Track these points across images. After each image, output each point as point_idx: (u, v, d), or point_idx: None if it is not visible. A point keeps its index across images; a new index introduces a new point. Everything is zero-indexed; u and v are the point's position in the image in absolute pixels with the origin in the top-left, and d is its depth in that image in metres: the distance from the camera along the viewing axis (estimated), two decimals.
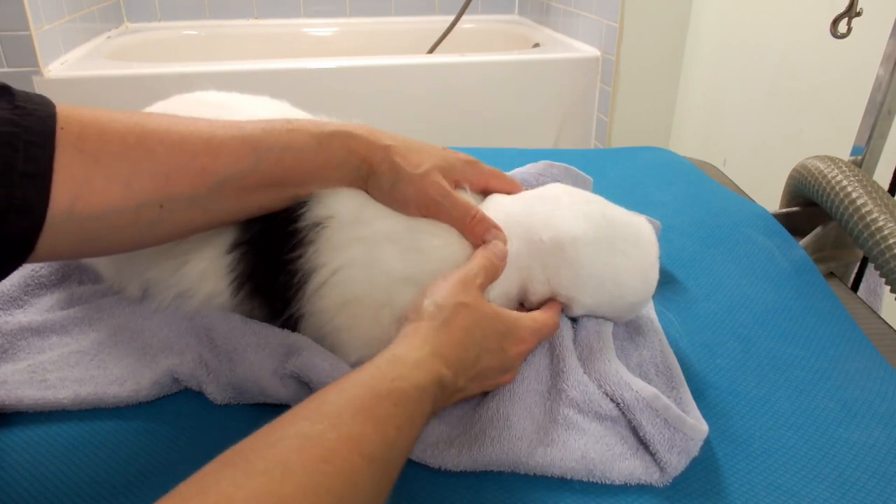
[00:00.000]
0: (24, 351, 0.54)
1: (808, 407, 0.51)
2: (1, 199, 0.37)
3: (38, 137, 0.39)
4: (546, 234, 0.51)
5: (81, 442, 0.46)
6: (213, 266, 0.54)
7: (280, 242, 0.52)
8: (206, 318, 0.54)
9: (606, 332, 0.54)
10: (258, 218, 0.52)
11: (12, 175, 0.38)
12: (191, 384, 0.51)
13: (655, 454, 0.44)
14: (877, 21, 0.89)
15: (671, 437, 0.44)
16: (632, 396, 0.47)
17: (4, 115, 0.38)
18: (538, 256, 0.51)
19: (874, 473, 0.45)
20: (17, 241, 0.39)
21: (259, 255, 0.53)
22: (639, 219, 0.56)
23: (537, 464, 0.44)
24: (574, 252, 0.51)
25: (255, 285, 0.53)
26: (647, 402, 0.46)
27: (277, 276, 0.52)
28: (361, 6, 2.39)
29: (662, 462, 0.44)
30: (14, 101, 0.40)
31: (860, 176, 0.78)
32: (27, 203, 0.38)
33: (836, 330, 0.61)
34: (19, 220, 0.38)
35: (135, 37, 2.13)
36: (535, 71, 1.86)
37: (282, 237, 0.52)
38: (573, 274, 0.51)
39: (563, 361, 0.51)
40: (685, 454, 0.44)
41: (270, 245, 0.52)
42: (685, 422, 0.45)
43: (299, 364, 0.48)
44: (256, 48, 2.28)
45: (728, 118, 1.67)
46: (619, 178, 0.93)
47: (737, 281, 0.68)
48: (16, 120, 0.39)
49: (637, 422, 0.46)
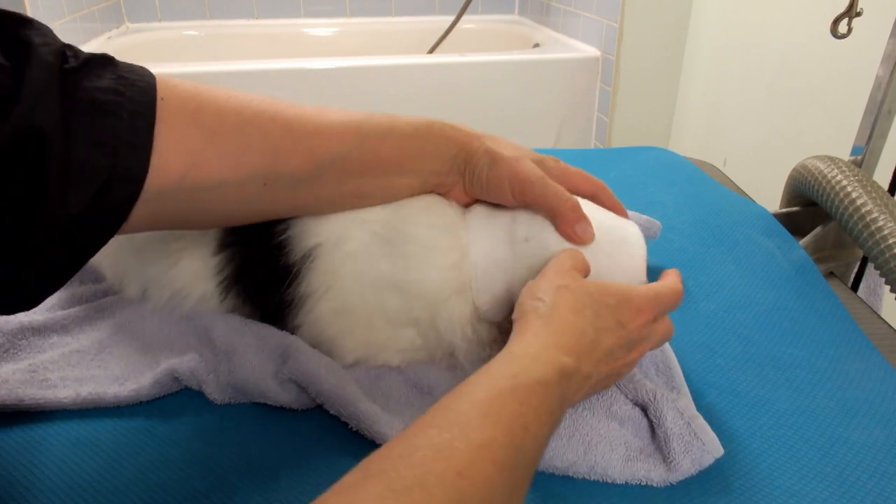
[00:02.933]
0: (24, 350, 0.54)
1: (808, 407, 0.51)
2: (106, 168, 0.38)
3: (142, 108, 0.40)
4: (529, 235, 0.51)
5: (82, 441, 0.46)
6: (203, 266, 0.54)
7: (269, 271, 0.51)
8: (206, 318, 0.54)
9: None
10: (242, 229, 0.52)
11: (118, 145, 0.38)
12: (191, 384, 0.51)
13: (669, 453, 0.44)
14: (877, 21, 0.89)
15: (690, 442, 0.44)
16: (661, 396, 0.47)
17: (109, 85, 0.39)
18: (522, 258, 0.51)
19: (874, 473, 0.45)
20: (116, 210, 0.40)
21: (247, 268, 0.53)
22: (626, 222, 0.54)
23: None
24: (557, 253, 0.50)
25: (246, 295, 0.53)
26: (674, 402, 0.46)
27: (271, 299, 0.52)
28: (361, 6, 2.39)
29: (674, 463, 0.44)
30: (118, 72, 0.40)
31: (860, 176, 0.78)
32: (131, 173, 0.39)
33: (836, 330, 0.61)
34: (121, 189, 0.39)
35: (135, 37, 2.13)
36: (535, 71, 1.86)
37: (270, 264, 0.51)
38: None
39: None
40: (697, 464, 0.44)
41: (258, 261, 0.52)
42: (707, 432, 0.45)
43: (295, 369, 0.49)
44: (256, 48, 2.28)
45: (728, 118, 1.67)
46: (619, 178, 0.93)
47: (737, 281, 0.68)
48: (120, 90, 0.39)
49: (662, 416, 0.46)
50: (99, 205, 0.38)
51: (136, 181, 0.39)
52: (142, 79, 0.41)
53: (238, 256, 0.53)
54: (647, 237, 0.65)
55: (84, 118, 0.37)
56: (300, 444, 0.47)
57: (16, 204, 0.35)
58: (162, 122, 0.40)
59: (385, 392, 0.51)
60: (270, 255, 0.51)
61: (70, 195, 0.37)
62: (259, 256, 0.52)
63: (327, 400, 0.48)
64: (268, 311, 0.53)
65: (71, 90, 0.37)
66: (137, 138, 0.39)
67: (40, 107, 0.35)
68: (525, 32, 2.30)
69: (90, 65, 0.39)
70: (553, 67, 1.88)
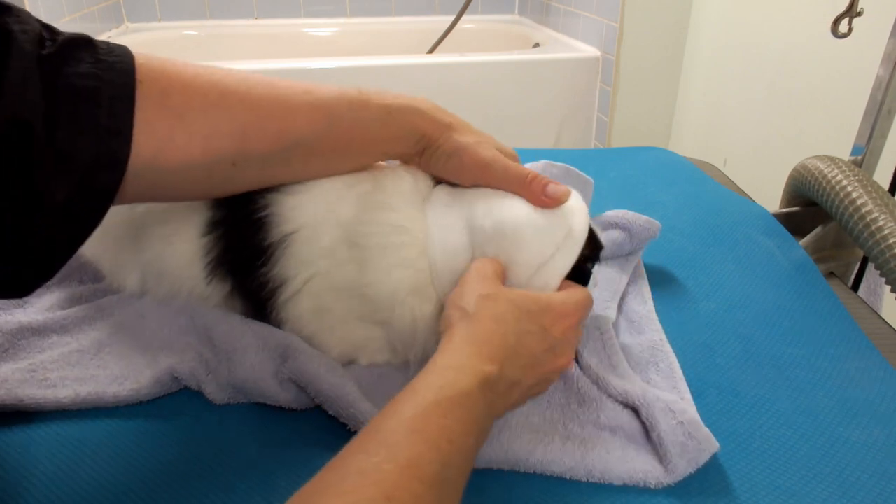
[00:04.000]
0: (24, 350, 0.54)
1: (807, 407, 0.51)
2: (89, 155, 0.38)
3: (121, 91, 0.40)
4: (487, 221, 0.50)
5: (82, 441, 0.46)
6: (192, 248, 0.54)
7: (247, 251, 0.52)
8: (206, 318, 0.54)
9: (609, 331, 0.54)
10: (225, 202, 0.52)
11: (98, 130, 0.38)
12: (190, 383, 0.51)
13: (665, 455, 0.44)
14: (877, 21, 0.89)
15: (684, 443, 0.44)
16: (653, 395, 0.47)
17: (88, 70, 0.39)
18: (483, 244, 0.50)
19: (874, 473, 0.45)
20: (102, 194, 0.40)
21: (231, 246, 0.53)
22: (574, 202, 0.52)
23: (537, 461, 0.44)
24: (514, 239, 0.49)
25: (231, 277, 0.54)
26: (667, 403, 0.46)
27: (252, 281, 0.52)
28: (361, 6, 2.39)
29: (671, 465, 0.44)
30: (97, 55, 0.40)
31: (860, 176, 0.78)
32: (114, 158, 0.39)
33: (836, 330, 0.61)
34: (105, 175, 0.39)
35: (135, 37, 2.13)
36: (535, 71, 1.86)
37: (250, 241, 0.52)
38: (510, 261, 0.49)
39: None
40: (693, 462, 0.44)
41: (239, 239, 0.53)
42: (701, 429, 0.45)
43: (295, 369, 0.49)
44: (256, 48, 2.28)
45: (728, 118, 1.67)
46: (619, 178, 0.93)
47: (737, 281, 0.68)
48: (98, 74, 0.39)
49: (654, 419, 0.46)
50: (84, 191, 0.38)
51: (119, 166, 0.40)
52: (121, 60, 0.41)
53: (224, 238, 0.53)
54: (648, 237, 0.64)
55: (65, 106, 0.37)
56: (300, 444, 0.47)
57: (3, 194, 0.35)
58: (135, 105, 0.40)
59: (385, 392, 0.51)
60: (251, 232, 0.51)
61: (56, 183, 0.37)
62: (242, 234, 0.52)
63: (326, 400, 0.47)
64: (249, 293, 0.53)
65: (51, 78, 0.37)
66: (118, 123, 0.39)
67: (22, 98, 0.35)
68: (525, 32, 2.30)
69: (69, 48, 0.39)
70: (553, 67, 1.88)
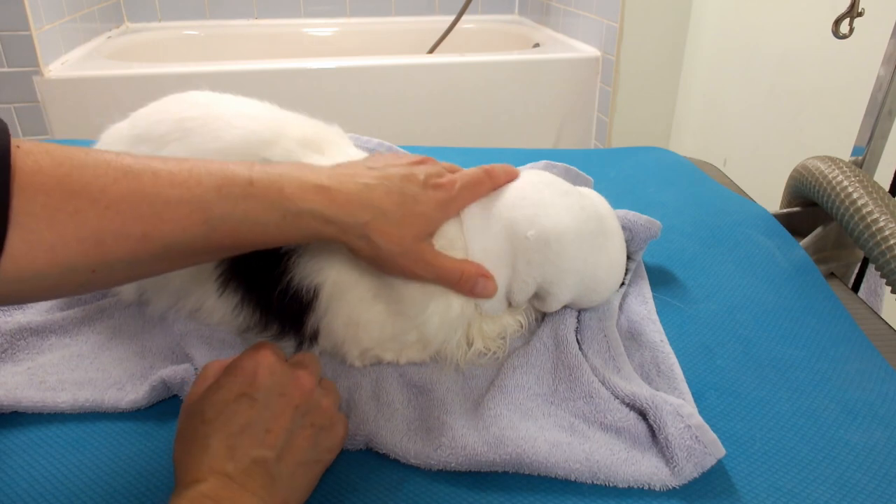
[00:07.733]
0: (23, 351, 0.54)
1: (808, 408, 0.51)
2: None
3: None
4: (531, 230, 0.51)
5: (80, 443, 0.46)
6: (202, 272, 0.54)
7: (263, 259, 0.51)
8: (203, 324, 0.54)
9: (613, 332, 0.54)
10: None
11: None
12: (183, 393, 0.50)
13: (672, 458, 0.44)
14: (878, 21, 0.89)
15: (691, 446, 0.44)
16: (661, 398, 0.47)
17: None
18: (523, 254, 0.51)
19: (875, 475, 0.45)
20: None
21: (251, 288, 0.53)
22: (602, 207, 0.57)
23: (541, 464, 0.44)
24: (559, 248, 0.51)
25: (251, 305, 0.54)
26: (675, 406, 0.46)
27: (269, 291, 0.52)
28: (361, 6, 2.39)
29: (677, 468, 0.44)
30: None
31: (861, 176, 0.78)
32: None
33: (836, 331, 0.61)
34: None
35: (135, 37, 2.13)
36: (535, 71, 1.86)
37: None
38: (556, 270, 0.52)
39: (570, 369, 0.51)
40: (699, 466, 0.44)
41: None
42: (707, 433, 0.44)
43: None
44: (256, 48, 2.28)
45: (728, 118, 1.67)
46: (619, 178, 0.93)
47: (737, 281, 0.68)
48: None
49: (662, 422, 0.45)
50: None
51: None
52: None
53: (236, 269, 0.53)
54: (648, 237, 0.64)
55: None
56: None
57: None
58: None
59: (385, 392, 0.50)
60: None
61: None
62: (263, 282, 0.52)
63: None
64: (268, 304, 0.53)
65: None
66: None
67: None
68: (525, 32, 2.30)
69: None
70: (553, 67, 1.88)
